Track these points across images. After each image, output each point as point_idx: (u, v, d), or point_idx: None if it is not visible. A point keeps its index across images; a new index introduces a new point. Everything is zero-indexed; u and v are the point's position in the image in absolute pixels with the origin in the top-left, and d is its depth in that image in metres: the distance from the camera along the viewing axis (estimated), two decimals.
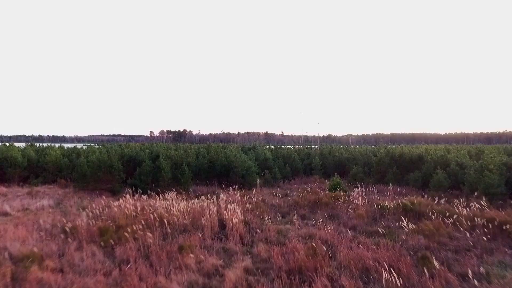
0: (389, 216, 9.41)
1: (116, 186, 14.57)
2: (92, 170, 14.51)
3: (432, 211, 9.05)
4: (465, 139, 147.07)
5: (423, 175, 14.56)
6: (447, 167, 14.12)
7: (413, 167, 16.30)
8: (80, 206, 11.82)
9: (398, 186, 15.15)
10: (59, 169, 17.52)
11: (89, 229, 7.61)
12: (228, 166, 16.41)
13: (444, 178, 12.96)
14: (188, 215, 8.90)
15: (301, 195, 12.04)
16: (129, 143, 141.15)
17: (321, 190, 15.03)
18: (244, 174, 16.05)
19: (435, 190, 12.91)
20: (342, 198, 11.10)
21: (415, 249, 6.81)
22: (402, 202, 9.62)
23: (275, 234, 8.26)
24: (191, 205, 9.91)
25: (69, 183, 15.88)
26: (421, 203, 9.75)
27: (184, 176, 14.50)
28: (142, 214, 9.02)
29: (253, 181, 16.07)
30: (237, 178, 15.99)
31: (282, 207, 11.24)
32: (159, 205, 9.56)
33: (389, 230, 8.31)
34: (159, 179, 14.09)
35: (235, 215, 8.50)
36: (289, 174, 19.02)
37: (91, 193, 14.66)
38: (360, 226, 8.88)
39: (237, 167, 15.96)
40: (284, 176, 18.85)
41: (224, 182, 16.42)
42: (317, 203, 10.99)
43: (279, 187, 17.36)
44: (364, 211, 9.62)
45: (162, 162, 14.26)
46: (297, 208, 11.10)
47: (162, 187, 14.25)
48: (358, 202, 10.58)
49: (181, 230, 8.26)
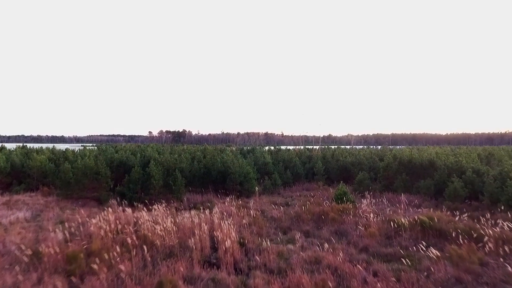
0: (405, 235, 8.26)
1: (103, 194, 13.43)
2: (76, 177, 13.36)
3: (455, 230, 7.90)
4: (467, 140, 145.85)
5: (436, 183, 13.42)
6: (463, 174, 12.97)
7: (423, 173, 15.16)
8: (59, 219, 10.69)
9: (409, 194, 14.00)
10: (44, 175, 16.36)
11: (56, 255, 6.45)
12: (224, 172, 15.26)
13: (460, 187, 11.81)
14: (175, 234, 7.75)
15: (304, 207, 10.88)
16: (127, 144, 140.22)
17: (325, 199, 13.89)
18: (242, 181, 14.91)
19: (451, 201, 11.77)
20: (350, 211, 9.95)
21: (444, 283, 5.66)
22: (419, 218, 8.46)
23: (276, 258, 7.12)
24: (180, 220, 8.76)
25: (53, 191, 14.72)
26: (440, 219, 8.60)
27: (177, 184, 13.34)
28: (123, 233, 7.87)
29: (252, 189, 14.93)
30: (235, 185, 14.85)
31: (282, 221, 10.09)
32: (143, 221, 8.40)
33: (407, 253, 7.17)
34: (149, 187, 12.94)
35: (229, 235, 7.35)
36: (290, 180, 17.88)
37: (76, 202, 13.52)
38: (373, 247, 7.74)
39: (234, 174, 14.81)
40: (285, 182, 17.71)
41: (221, 190, 15.27)
42: (322, 217, 9.84)
43: (279, 194, 16.23)
44: (376, 228, 8.47)
45: (152, 168, 13.11)
46: (299, 223, 9.96)
47: (152, 196, 13.12)
48: (368, 216, 9.42)
49: (166, 253, 7.11)
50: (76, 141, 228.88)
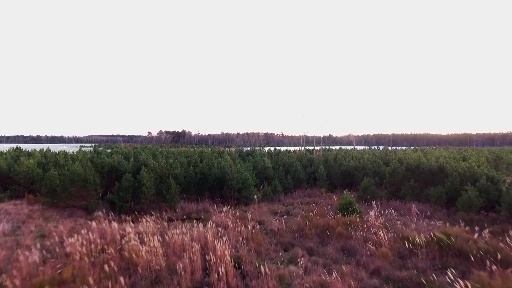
0: (421, 254, 7.40)
1: (92, 203, 12.57)
2: (63, 184, 12.50)
3: (477, 249, 7.05)
4: (468, 140, 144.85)
5: (447, 191, 12.56)
6: (476, 182, 12.11)
7: (432, 180, 14.30)
8: (40, 233, 9.83)
9: (418, 203, 13.15)
10: (32, 181, 15.51)
11: (22, 284, 5.59)
12: (222, 179, 14.40)
13: (475, 197, 10.95)
14: (163, 256, 6.89)
15: (307, 218, 10.02)
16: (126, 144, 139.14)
17: (329, 208, 13.04)
18: (240, 187, 14.05)
19: (465, 211, 10.90)
20: (357, 225, 9.09)
21: None
22: (435, 235, 7.60)
23: (276, 283, 6.27)
24: (170, 238, 7.90)
25: (39, 199, 13.86)
26: (459, 237, 7.75)
27: (170, 192, 12.49)
28: (105, 252, 7.02)
29: (251, 196, 14.07)
30: (232, 192, 13.99)
31: (283, 235, 9.22)
32: (129, 239, 7.54)
33: (425, 277, 6.31)
34: (140, 196, 12.09)
35: (223, 258, 6.50)
36: (291, 185, 17.03)
37: (62, 212, 12.67)
38: (386, 270, 6.88)
39: (232, 180, 13.94)
40: (286, 188, 16.85)
41: (218, 197, 14.42)
42: (327, 231, 8.98)
43: (279, 201, 15.37)
44: (388, 247, 7.61)
45: (144, 176, 12.25)
46: (302, 237, 9.10)
47: (144, 205, 12.27)
48: (377, 231, 8.55)
49: (151, 280, 6.25)
50: (75, 141, 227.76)
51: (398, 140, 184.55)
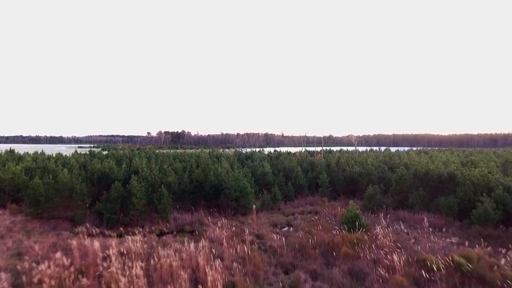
0: (439, 282, 6.54)
1: (78, 214, 11.71)
2: (47, 194, 11.65)
3: (503, 278, 6.20)
4: (470, 141, 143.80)
5: (460, 201, 11.69)
6: (491, 191, 11.25)
7: (442, 188, 13.44)
8: (17, 251, 8.97)
9: (427, 213, 12.30)
10: (17, 189, 14.65)
11: None
12: (218, 187, 13.55)
13: (492, 209, 10.09)
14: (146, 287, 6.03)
15: (309, 233, 9.17)
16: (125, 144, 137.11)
17: (332, 219, 12.19)
18: (238, 196, 13.19)
19: (481, 225, 10.04)
20: (365, 243, 8.22)
21: None
22: (455, 260, 6.74)
23: None
24: (157, 261, 7.04)
25: (23, 209, 13.00)
26: (481, 260, 6.89)
27: (162, 202, 11.63)
28: (79, 281, 6.16)
29: (249, 205, 13.21)
30: (229, 201, 13.13)
31: (284, 255, 8.35)
32: (109, 264, 6.68)
33: None
34: (129, 206, 11.23)
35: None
36: (292, 193, 16.16)
37: (47, 224, 11.81)
38: None
39: (229, 188, 13.09)
40: (286, 195, 15.98)
41: (214, 207, 13.57)
42: (333, 250, 8.12)
43: (279, 210, 14.51)
44: (402, 273, 6.75)
45: (134, 185, 11.40)
46: (304, 257, 8.24)
47: (133, 217, 11.42)
48: (388, 252, 7.69)
49: None
50: (74, 141, 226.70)
51: (399, 141, 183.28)
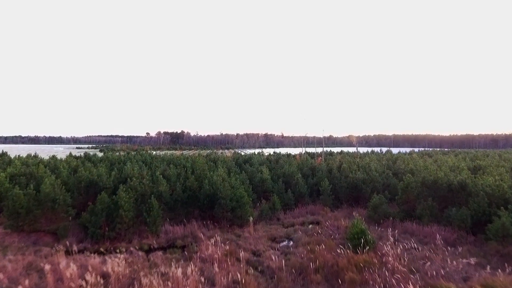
0: None
1: (61, 228, 10.84)
2: (28, 205, 10.79)
3: None
4: (471, 141, 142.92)
5: (473, 213, 10.83)
6: (508, 203, 10.39)
7: (453, 198, 12.59)
8: None
9: (437, 226, 11.46)
10: (0, 199, 13.75)
11: None
12: (213, 196, 12.68)
13: (510, 224, 9.23)
14: None
15: (311, 255, 8.31)
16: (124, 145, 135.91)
17: (334, 230, 11.34)
18: (234, 206, 12.32)
19: (498, 241, 9.18)
20: (374, 266, 7.36)
21: None
22: None
23: None
24: None
25: (3, 221, 12.12)
26: None
27: (152, 214, 10.77)
28: None
29: (246, 216, 12.35)
30: (225, 212, 12.27)
31: (283, 279, 7.48)
32: None
33: None
34: (116, 220, 10.37)
35: None
36: (292, 201, 15.29)
37: (27, 238, 10.94)
38: None
39: (225, 198, 12.22)
40: (286, 204, 15.12)
41: (208, 218, 12.70)
42: (337, 275, 7.26)
43: (278, 221, 13.65)
44: None
45: (121, 196, 10.53)
46: (306, 282, 7.37)
47: (121, 231, 10.56)
48: (400, 279, 6.82)
49: None
50: (73, 142, 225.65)
51: (399, 141, 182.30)
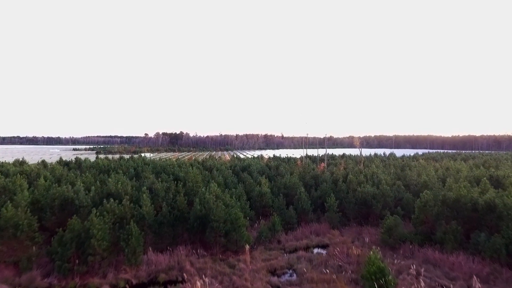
0: None
1: (23, 259, 9.22)
2: None
3: None
4: (473, 142, 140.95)
5: (508, 242, 9.23)
6: None
7: (479, 220, 11.01)
8: None
9: (463, 254, 9.87)
10: None
11: None
12: (205, 218, 11.07)
13: None
14: None
15: None
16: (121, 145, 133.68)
17: (345, 263, 9.72)
18: (229, 229, 10.71)
19: None
20: None
21: None
22: None
23: None
24: None
25: None
26: None
27: (131, 242, 9.16)
28: None
29: (241, 241, 10.74)
30: (218, 237, 10.67)
31: None
32: None
33: None
34: (87, 250, 8.76)
35: None
36: (294, 219, 13.66)
37: None
38: None
39: (218, 221, 10.61)
40: (287, 222, 13.50)
41: (199, 244, 11.10)
42: None
43: (279, 244, 12.03)
44: None
45: (94, 222, 8.92)
46: None
47: (94, 263, 8.94)
48: None
49: None
50: (72, 142, 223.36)
51: (400, 142, 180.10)
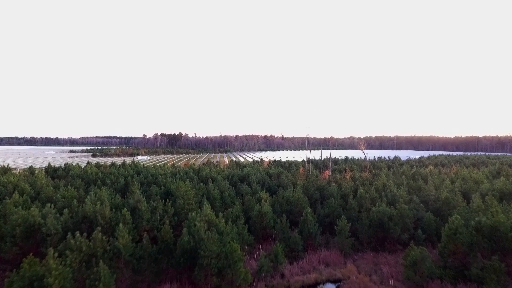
0: None
1: None
2: None
3: None
4: (476, 144, 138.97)
5: None
6: None
7: None
8: None
9: None
10: None
11: None
12: (194, 251, 9.22)
13: None
14: None
15: None
16: (120, 146, 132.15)
17: None
18: (222, 266, 8.86)
19: None
20: None
21: None
22: None
23: None
24: None
25: None
26: None
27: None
28: None
29: (238, 279, 8.88)
30: (209, 276, 8.80)
31: None
32: None
33: None
34: None
35: None
36: (299, 245, 11.78)
37: None
38: None
39: (209, 257, 8.76)
40: (291, 249, 11.66)
41: (187, 283, 9.23)
42: None
43: (283, 278, 10.17)
44: None
45: (50, 267, 7.06)
46: None
47: None
48: None
49: None
50: (70, 143, 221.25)
51: (402, 143, 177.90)
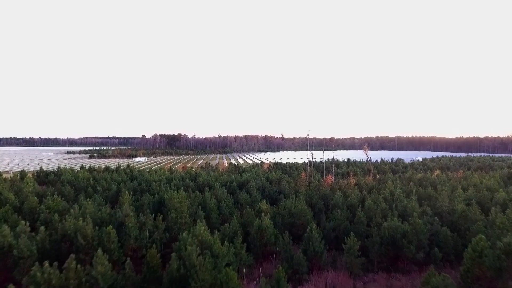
0: None
1: None
2: None
3: None
4: (478, 144, 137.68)
5: None
6: None
7: None
8: None
9: None
10: None
11: None
12: (184, 281, 8.04)
13: None
14: None
15: None
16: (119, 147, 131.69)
17: None
18: None
19: None
20: None
21: None
22: None
23: None
24: None
25: None
26: None
27: None
28: None
29: None
30: None
31: None
32: None
33: None
34: None
35: None
36: (303, 266, 10.62)
37: None
38: None
39: (201, 287, 7.59)
40: (294, 270, 10.50)
41: None
42: None
43: None
44: None
45: None
46: None
47: None
48: None
49: None
50: (69, 143, 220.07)
51: (403, 143, 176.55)
